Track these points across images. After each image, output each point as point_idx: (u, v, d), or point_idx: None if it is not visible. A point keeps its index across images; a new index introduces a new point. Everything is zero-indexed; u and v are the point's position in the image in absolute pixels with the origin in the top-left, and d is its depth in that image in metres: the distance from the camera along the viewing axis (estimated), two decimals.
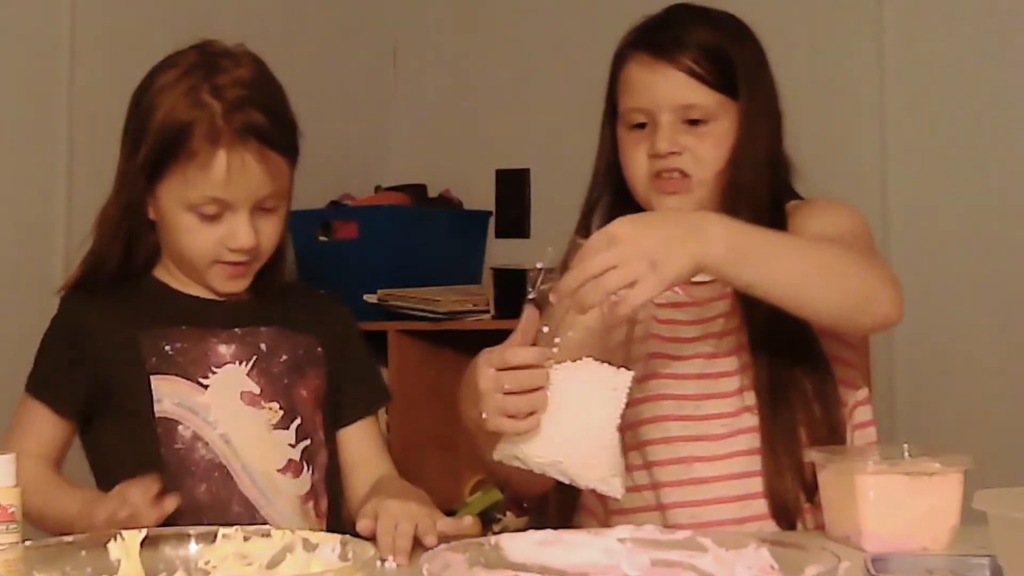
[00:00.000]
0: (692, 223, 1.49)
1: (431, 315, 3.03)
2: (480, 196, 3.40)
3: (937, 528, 1.51)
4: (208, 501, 1.65)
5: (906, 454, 1.60)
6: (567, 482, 1.47)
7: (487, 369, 1.54)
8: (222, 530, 1.24)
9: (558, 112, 3.29)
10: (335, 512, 1.76)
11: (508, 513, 3.00)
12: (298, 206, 3.17)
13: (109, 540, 1.21)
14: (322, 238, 3.21)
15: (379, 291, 3.10)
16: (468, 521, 1.59)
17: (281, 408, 1.72)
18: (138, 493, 1.48)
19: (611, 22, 3.21)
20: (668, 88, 1.75)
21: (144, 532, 1.22)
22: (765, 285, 1.52)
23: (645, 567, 1.19)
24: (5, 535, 1.19)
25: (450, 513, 3.01)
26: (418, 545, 1.44)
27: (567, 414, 1.46)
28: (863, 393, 1.79)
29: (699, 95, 1.74)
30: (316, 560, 1.20)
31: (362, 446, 1.82)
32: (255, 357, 1.72)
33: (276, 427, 1.71)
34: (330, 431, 1.79)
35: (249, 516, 1.65)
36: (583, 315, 1.47)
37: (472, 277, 3.29)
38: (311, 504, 1.72)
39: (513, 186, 3.37)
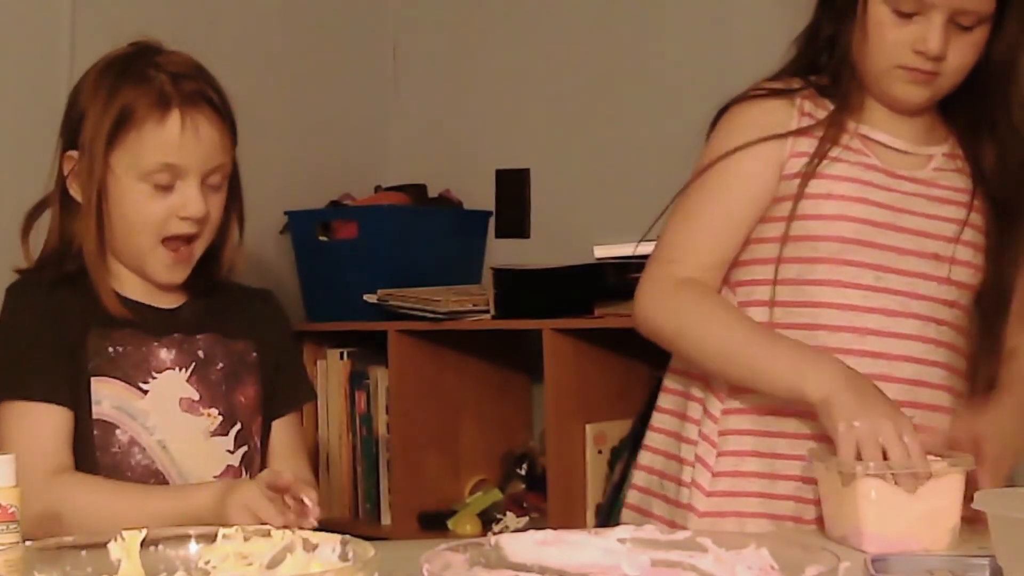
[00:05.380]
0: None
1: (431, 315, 3.03)
2: (480, 196, 3.40)
3: (937, 528, 1.51)
4: None
5: None
6: None
7: None
8: (222, 530, 1.24)
9: (558, 112, 3.29)
10: None
11: (508, 513, 3.00)
12: (298, 206, 3.21)
13: (109, 540, 1.21)
14: (322, 238, 3.21)
15: (379, 291, 3.10)
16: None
17: (221, 414, 1.73)
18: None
19: (611, 22, 3.23)
20: None
21: (144, 532, 1.22)
22: None
23: (645, 567, 1.19)
24: (5, 535, 1.19)
25: (450, 513, 3.02)
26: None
27: None
28: None
29: (983, 2, 1.70)
30: (316, 560, 1.20)
31: (279, 442, 1.82)
32: (194, 364, 1.73)
33: (215, 434, 1.72)
34: (266, 437, 1.80)
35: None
36: None
37: (472, 277, 3.29)
38: None
39: (513, 186, 3.37)
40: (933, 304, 1.76)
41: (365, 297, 3.11)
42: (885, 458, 1.53)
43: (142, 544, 1.21)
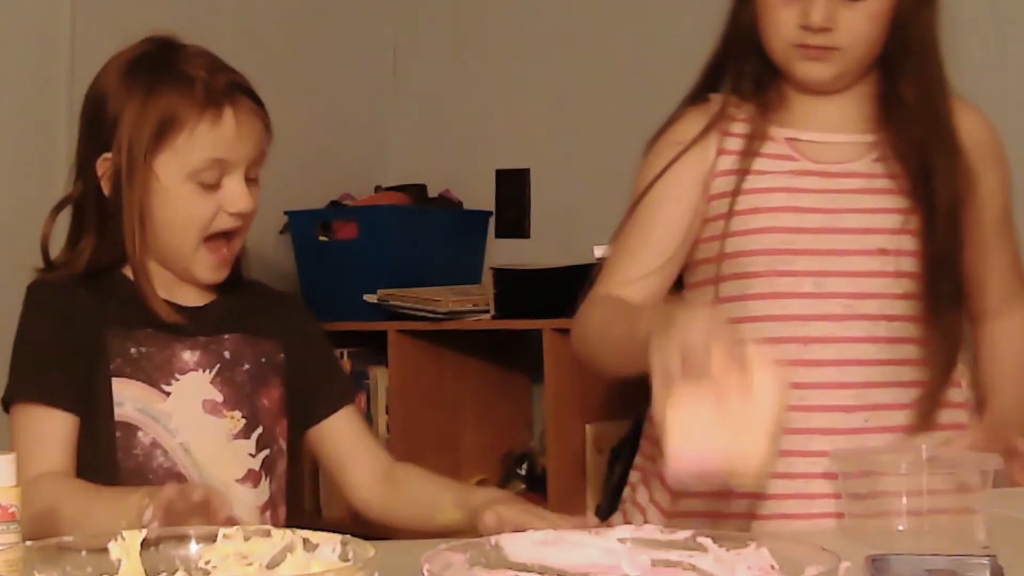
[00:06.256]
0: None
1: (431, 315, 3.03)
2: (480, 196, 3.40)
3: (746, 443, 1.38)
4: None
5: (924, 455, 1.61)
6: None
7: None
8: (222, 530, 1.24)
9: (558, 112, 3.29)
10: (295, 519, 1.71)
11: None
12: (298, 206, 3.21)
13: (110, 540, 1.21)
14: (322, 238, 3.21)
15: (379, 291, 3.10)
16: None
17: (243, 417, 1.71)
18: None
19: (611, 22, 3.23)
20: None
21: (145, 532, 1.22)
22: None
23: (645, 567, 1.20)
24: (5, 535, 1.18)
25: None
26: None
27: None
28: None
29: None
30: (316, 560, 1.20)
31: (353, 433, 1.81)
32: (218, 365, 1.71)
33: (237, 436, 1.70)
34: (293, 438, 1.78)
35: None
36: None
37: (472, 277, 3.29)
38: (268, 514, 1.71)
39: (513, 186, 3.37)
40: (884, 301, 1.72)
41: (365, 297, 3.11)
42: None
43: (142, 544, 1.21)
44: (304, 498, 3.03)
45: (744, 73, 1.80)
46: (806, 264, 1.72)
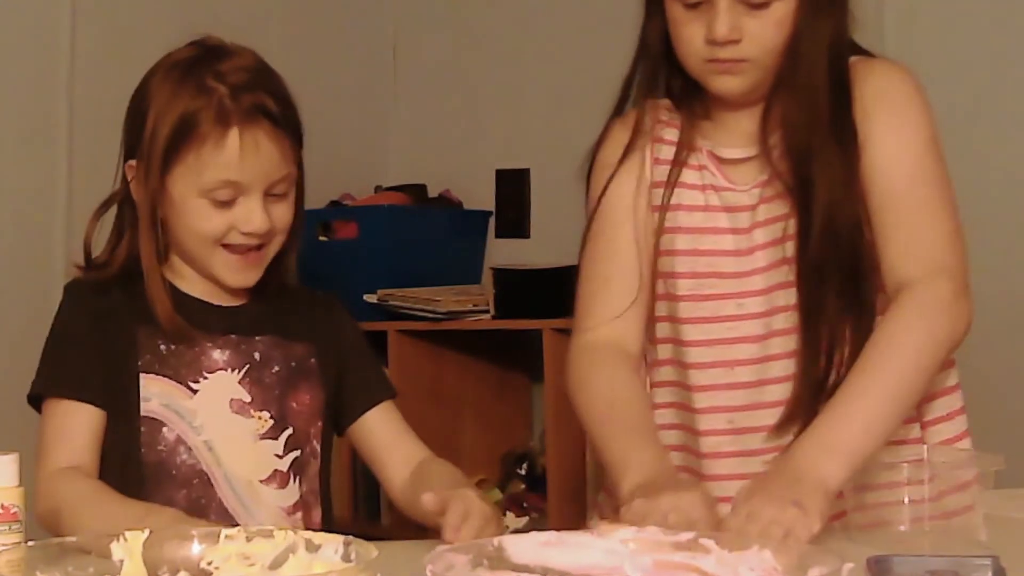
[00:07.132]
0: (801, 476, 1.47)
1: (431, 315, 3.03)
2: (480, 196, 3.40)
3: None
4: (186, 507, 1.62)
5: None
6: None
7: None
8: (225, 530, 1.24)
9: (558, 112, 3.29)
10: (328, 521, 1.74)
11: (508, 513, 3.00)
12: None
13: (112, 540, 1.21)
14: (322, 238, 3.21)
15: (379, 291, 3.10)
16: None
17: (272, 417, 1.70)
18: None
19: (611, 22, 3.23)
20: None
21: (147, 532, 1.22)
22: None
23: (648, 568, 1.20)
24: (8, 535, 1.19)
25: None
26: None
27: None
28: None
29: None
30: (319, 561, 1.20)
31: (389, 428, 1.81)
32: (248, 366, 1.71)
33: (264, 437, 1.70)
34: (328, 442, 1.78)
35: (226, 525, 1.62)
36: None
37: (472, 277, 3.30)
38: (299, 515, 1.70)
39: (513, 186, 3.37)
40: (794, 312, 1.66)
41: (365, 297, 3.11)
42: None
43: (144, 544, 1.21)
44: None
45: (668, 83, 1.77)
46: (728, 287, 1.69)
